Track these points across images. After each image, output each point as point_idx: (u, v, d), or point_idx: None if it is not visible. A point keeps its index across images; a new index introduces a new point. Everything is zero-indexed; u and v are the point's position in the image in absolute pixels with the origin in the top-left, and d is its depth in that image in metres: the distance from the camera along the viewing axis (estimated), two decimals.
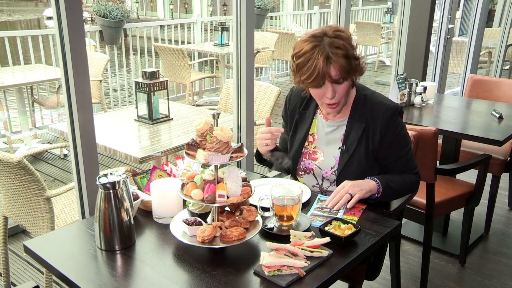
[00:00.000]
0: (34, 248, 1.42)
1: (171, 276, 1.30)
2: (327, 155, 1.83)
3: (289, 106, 1.93)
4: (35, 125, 5.13)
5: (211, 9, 15.52)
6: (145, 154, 2.49)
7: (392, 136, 1.74)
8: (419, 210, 2.48)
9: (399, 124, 1.76)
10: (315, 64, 1.59)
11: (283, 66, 8.24)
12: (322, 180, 1.84)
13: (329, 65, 1.59)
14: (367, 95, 1.79)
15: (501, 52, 5.78)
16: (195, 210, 1.51)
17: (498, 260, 2.88)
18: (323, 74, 1.59)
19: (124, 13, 5.64)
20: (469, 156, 3.02)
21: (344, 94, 1.70)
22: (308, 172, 1.87)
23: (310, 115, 1.87)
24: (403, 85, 2.99)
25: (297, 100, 1.90)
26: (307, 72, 1.61)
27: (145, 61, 6.36)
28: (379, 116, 1.73)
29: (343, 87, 1.67)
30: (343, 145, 1.79)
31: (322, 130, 1.86)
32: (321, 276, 1.28)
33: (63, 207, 2.48)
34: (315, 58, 1.59)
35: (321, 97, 1.71)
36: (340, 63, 1.59)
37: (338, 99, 1.70)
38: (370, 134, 1.75)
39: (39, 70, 5.04)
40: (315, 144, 1.86)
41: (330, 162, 1.81)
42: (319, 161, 1.84)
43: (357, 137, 1.76)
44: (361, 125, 1.76)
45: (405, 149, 1.79)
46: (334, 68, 1.60)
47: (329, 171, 1.82)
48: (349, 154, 1.77)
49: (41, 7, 22.06)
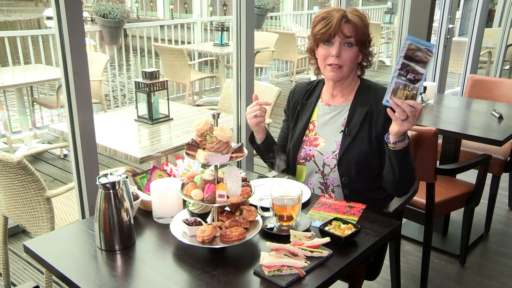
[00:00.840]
0: (34, 248, 1.42)
1: (171, 276, 1.30)
2: (328, 140, 1.85)
3: (292, 99, 1.98)
4: (35, 125, 5.13)
5: (211, 9, 15.53)
6: (145, 154, 2.49)
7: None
8: (419, 210, 2.48)
9: None
10: (331, 18, 1.72)
11: (283, 66, 8.24)
12: (323, 167, 1.85)
13: (344, 23, 1.71)
14: (371, 85, 1.87)
15: (501, 52, 5.78)
16: (195, 210, 1.51)
17: (498, 260, 2.88)
18: (336, 29, 1.71)
19: (124, 13, 5.64)
20: (469, 156, 3.02)
21: (349, 61, 1.75)
22: (308, 160, 1.87)
23: (312, 104, 1.92)
24: None
25: (301, 93, 1.97)
26: (322, 24, 1.73)
27: (145, 61, 6.36)
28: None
29: (350, 53, 1.74)
30: (346, 128, 1.81)
31: (323, 116, 1.89)
32: (321, 276, 1.28)
33: (63, 207, 2.48)
34: (333, 14, 1.73)
35: (326, 56, 1.76)
36: (356, 23, 1.72)
37: (341, 63, 1.74)
38: (374, 118, 1.78)
39: (39, 70, 5.03)
40: (316, 130, 1.89)
41: (331, 147, 1.83)
42: (320, 147, 1.85)
43: (359, 121, 1.79)
44: (364, 108, 1.80)
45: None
46: (348, 27, 1.72)
47: (330, 155, 1.82)
48: (351, 137, 1.79)
49: (41, 7, 22.06)
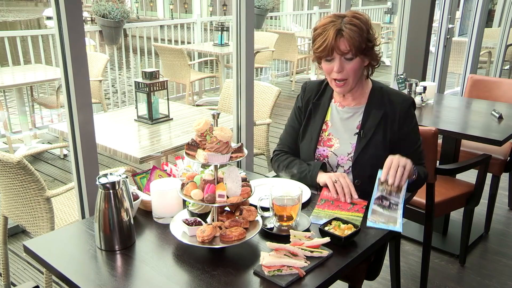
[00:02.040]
0: (34, 248, 1.42)
1: (171, 276, 1.30)
2: (343, 141, 1.84)
3: (304, 96, 1.94)
4: (35, 125, 5.13)
5: (211, 9, 15.52)
6: (145, 154, 2.49)
7: (409, 127, 1.80)
8: (419, 210, 2.48)
9: (414, 117, 1.83)
10: (327, 35, 1.68)
11: (283, 66, 8.24)
12: (336, 168, 1.85)
13: (340, 37, 1.67)
14: (383, 87, 1.86)
15: (501, 52, 5.78)
16: (195, 210, 1.51)
17: (498, 260, 2.88)
18: (332, 46, 1.67)
19: (124, 13, 5.64)
20: (469, 156, 3.02)
21: (352, 72, 1.72)
22: (322, 160, 1.87)
23: (325, 104, 1.90)
24: (403, 85, 2.99)
25: (312, 91, 1.94)
26: (319, 42, 1.71)
27: (145, 61, 6.36)
28: (397, 105, 1.79)
29: (352, 65, 1.71)
30: (361, 131, 1.80)
31: (337, 117, 1.87)
32: (321, 276, 1.28)
33: (63, 207, 2.48)
34: (328, 30, 1.68)
35: (330, 71, 1.75)
36: (351, 37, 1.66)
37: (345, 76, 1.73)
38: (389, 122, 1.78)
39: (39, 70, 5.03)
40: (329, 131, 1.88)
41: (346, 148, 1.82)
42: (334, 148, 1.85)
43: (375, 124, 1.78)
44: (380, 111, 1.79)
45: (418, 142, 1.83)
46: (344, 41, 1.67)
47: (345, 157, 1.82)
48: (366, 139, 1.78)
49: (41, 7, 22.05)
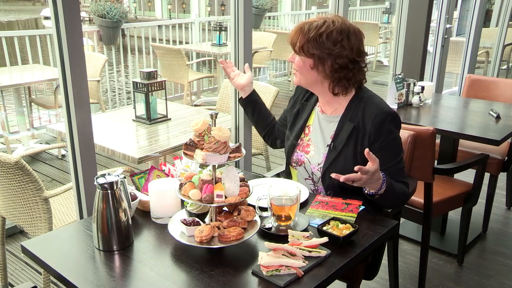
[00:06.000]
0: (32, 249, 1.42)
1: (169, 276, 1.30)
2: (317, 150, 1.83)
3: (294, 95, 2.01)
4: (32, 125, 5.12)
5: (209, 9, 15.49)
6: (143, 154, 2.48)
7: (383, 142, 1.68)
8: (417, 210, 2.48)
9: (391, 132, 1.70)
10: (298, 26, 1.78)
11: (281, 66, 8.24)
12: (312, 175, 1.85)
13: (296, 34, 1.75)
14: (364, 97, 1.77)
15: (499, 52, 5.78)
16: (193, 210, 1.51)
17: (496, 259, 2.88)
18: (291, 39, 1.77)
19: (122, 13, 5.64)
20: (467, 155, 3.02)
21: (297, 67, 1.77)
22: (300, 164, 1.88)
23: (310, 107, 1.91)
24: (401, 85, 3.00)
25: (302, 91, 1.97)
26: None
27: (143, 61, 6.35)
28: (370, 118, 1.69)
29: (297, 60, 1.76)
30: (332, 143, 1.77)
31: (317, 123, 1.87)
32: (319, 276, 1.28)
33: (61, 207, 2.48)
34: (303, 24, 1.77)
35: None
36: (303, 36, 1.71)
37: (296, 67, 1.79)
38: (360, 135, 1.72)
39: (37, 70, 5.02)
40: (309, 136, 1.88)
41: (318, 158, 1.81)
42: (310, 155, 1.85)
43: (345, 137, 1.73)
44: (351, 124, 1.73)
45: (395, 159, 1.70)
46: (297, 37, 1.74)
47: (316, 167, 1.81)
48: (336, 152, 1.75)
49: (39, 7, 22.01)
